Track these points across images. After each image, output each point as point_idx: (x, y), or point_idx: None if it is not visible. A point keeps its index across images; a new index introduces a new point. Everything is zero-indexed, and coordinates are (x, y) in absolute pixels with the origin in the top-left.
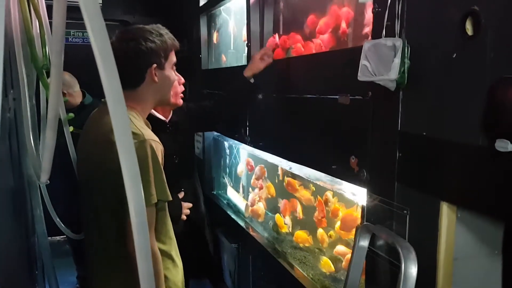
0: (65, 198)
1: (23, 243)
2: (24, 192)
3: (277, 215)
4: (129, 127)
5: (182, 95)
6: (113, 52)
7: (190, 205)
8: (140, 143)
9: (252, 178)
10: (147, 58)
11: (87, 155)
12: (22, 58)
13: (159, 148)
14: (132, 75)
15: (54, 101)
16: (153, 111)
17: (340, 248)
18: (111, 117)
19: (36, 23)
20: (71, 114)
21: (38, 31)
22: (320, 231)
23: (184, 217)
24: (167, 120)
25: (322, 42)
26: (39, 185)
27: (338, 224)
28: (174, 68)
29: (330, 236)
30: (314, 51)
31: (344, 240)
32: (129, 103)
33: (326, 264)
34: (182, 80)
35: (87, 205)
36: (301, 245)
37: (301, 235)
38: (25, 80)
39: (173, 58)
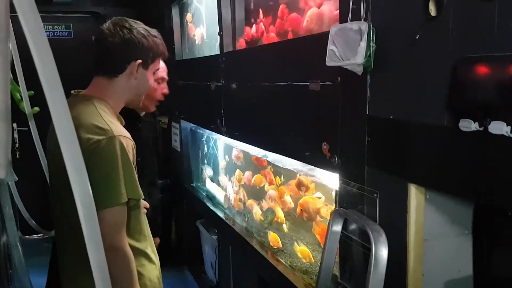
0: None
1: None
2: None
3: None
4: (69, 113)
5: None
6: (103, 33)
7: (148, 205)
8: (109, 140)
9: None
10: (135, 51)
11: (54, 152)
12: None
13: (129, 144)
14: (114, 62)
15: (2, 92)
16: None
17: None
18: (48, 103)
19: None
20: (36, 108)
21: None
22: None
23: None
24: (141, 115)
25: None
26: (8, 183)
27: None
28: (154, 75)
29: None
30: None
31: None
32: (102, 95)
33: (303, 253)
34: (166, 91)
35: (57, 203)
36: (274, 247)
37: (274, 238)
38: None
39: (157, 65)
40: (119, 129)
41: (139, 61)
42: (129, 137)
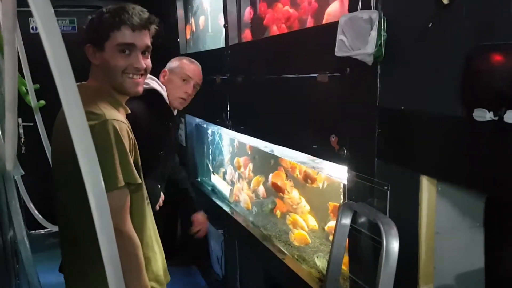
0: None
1: None
2: None
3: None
4: (80, 103)
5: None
6: None
7: (163, 197)
8: (101, 124)
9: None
10: (85, 36)
11: (56, 146)
12: None
13: (124, 128)
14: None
15: (10, 82)
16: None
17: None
18: (59, 92)
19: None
20: (42, 102)
21: None
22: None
23: (157, 207)
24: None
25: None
26: (14, 177)
27: None
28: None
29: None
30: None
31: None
32: (94, 83)
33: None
34: (189, 92)
35: (59, 197)
36: (299, 245)
37: (300, 236)
38: None
39: (117, 38)
40: (112, 114)
41: (87, 45)
42: (122, 121)
